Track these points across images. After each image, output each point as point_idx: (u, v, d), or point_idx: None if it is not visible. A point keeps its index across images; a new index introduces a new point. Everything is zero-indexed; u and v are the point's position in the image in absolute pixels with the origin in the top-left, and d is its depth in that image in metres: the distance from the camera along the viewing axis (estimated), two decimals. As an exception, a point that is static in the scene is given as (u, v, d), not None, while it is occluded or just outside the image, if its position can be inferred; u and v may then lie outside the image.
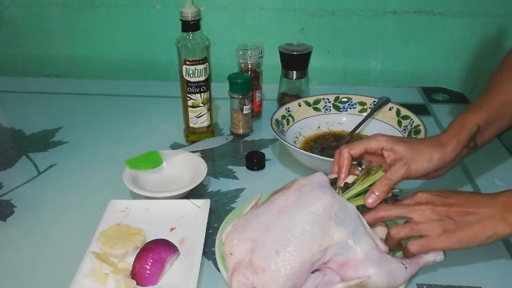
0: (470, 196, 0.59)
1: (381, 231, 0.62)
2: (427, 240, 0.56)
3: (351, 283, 0.56)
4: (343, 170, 0.64)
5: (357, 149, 0.64)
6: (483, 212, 0.56)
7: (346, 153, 0.64)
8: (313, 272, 0.57)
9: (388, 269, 0.56)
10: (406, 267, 0.57)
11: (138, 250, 0.64)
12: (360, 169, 0.66)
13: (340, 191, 0.63)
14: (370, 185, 0.62)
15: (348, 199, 0.61)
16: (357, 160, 0.66)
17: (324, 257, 0.56)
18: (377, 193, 0.61)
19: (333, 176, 0.65)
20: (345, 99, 1.02)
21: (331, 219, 0.56)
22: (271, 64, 1.12)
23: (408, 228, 0.58)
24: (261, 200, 0.65)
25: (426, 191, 0.60)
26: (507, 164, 0.91)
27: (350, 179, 0.64)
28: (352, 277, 0.56)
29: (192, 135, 0.97)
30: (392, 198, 0.63)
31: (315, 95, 1.02)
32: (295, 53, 1.03)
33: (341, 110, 1.02)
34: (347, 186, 0.63)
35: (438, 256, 0.59)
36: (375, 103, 0.99)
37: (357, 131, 0.95)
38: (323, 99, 1.02)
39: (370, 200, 0.61)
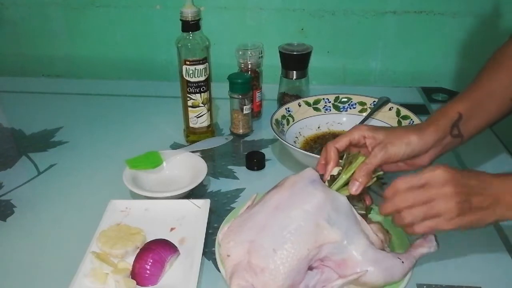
0: (485, 176, 0.57)
1: (375, 227, 0.63)
2: (436, 222, 0.55)
3: (349, 278, 0.56)
4: (330, 164, 0.65)
5: (342, 142, 0.66)
6: (495, 195, 0.55)
7: (332, 147, 0.65)
8: (311, 269, 0.57)
9: (385, 267, 0.57)
10: (403, 262, 0.58)
11: (138, 250, 0.64)
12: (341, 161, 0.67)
13: (328, 184, 0.63)
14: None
15: (337, 190, 0.62)
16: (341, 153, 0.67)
17: (319, 253, 0.56)
18: (360, 180, 0.61)
19: (321, 172, 0.66)
20: (345, 99, 1.02)
21: (324, 219, 0.56)
22: (271, 64, 1.12)
23: (425, 197, 0.55)
24: (256, 200, 0.65)
25: (444, 168, 0.56)
26: (503, 161, 0.91)
27: (334, 171, 0.65)
28: (351, 273, 0.56)
29: (192, 135, 0.97)
30: (377, 182, 0.64)
31: (315, 95, 1.02)
32: (295, 53, 1.03)
33: (341, 110, 1.02)
34: (333, 178, 0.64)
35: (431, 248, 0.61)
36: (375, 103, 0.99)
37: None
38: (323, 99, 1.02)
39: (354, 188, 0.61)
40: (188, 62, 0.89)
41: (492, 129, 0.98)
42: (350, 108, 1.01)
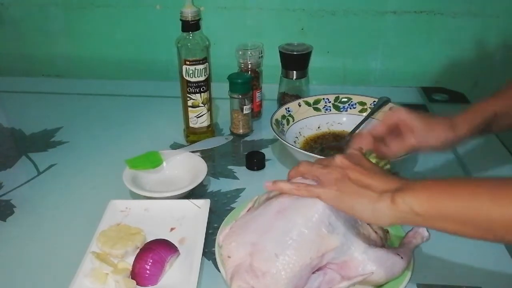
0: (381, 171, 0.58)
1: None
2: (319, 190, 0.56)
3: (355, 280, 0.56)
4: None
5: (378, 128, 0.67)
6: (379, 186, 0.54)
7: (368, 135, 0.66)
8: (313, 272, 0.57)
9: (386, 265, 0.57)
10: (402, 257, 0.59)
11: (138, 250, 0.64)
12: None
13: None
14: None
15: None
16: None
17: (322, 262, 0.56)
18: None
19: None
20: (345, 99, 1.02)
21: (325, 226, 0.56)
22: (271, 64, 1.12)
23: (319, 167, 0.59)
24: (257, 202, 0.65)
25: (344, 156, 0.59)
26: (507, 166, 0.91)
27: None
28: (354, 275, 0.56)
29: (192, 135, 0.97)
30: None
31: (315, 95, 1.02)
32: (295, 53, 1.03)
33: (341, 110, 1.02)
34: None
35: (424, 238, 0.63)
36: (375, 103, 0.99)
37: (357, 131, 0.95)
38: (323, 99, 1.02)
39: None
40: (188, 62, 0.89)
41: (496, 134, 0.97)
42: (350, 108, 1.01)
